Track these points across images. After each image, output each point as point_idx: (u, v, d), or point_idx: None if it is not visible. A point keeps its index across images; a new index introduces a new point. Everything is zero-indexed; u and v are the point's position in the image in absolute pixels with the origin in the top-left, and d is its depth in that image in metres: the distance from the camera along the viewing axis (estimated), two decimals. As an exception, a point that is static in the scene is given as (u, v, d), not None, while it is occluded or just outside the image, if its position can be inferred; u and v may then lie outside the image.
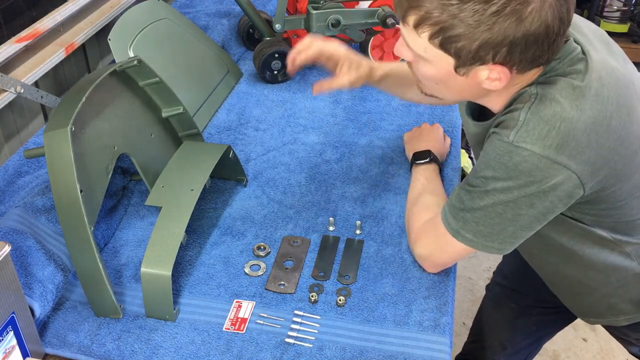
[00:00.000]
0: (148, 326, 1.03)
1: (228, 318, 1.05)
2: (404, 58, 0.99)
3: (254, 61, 1.71)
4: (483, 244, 1.00)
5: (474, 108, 1.11)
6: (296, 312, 1.05)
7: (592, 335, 2.26)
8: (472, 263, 2.53)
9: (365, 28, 1.70)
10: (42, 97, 1.48)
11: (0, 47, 1.38)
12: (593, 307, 1.18)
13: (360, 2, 1.76)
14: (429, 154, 1.31)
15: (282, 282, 1.11)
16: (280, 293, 1.09)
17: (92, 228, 1.00)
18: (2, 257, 0.82)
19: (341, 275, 1.13)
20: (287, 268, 1.14)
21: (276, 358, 0.98)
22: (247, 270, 1.14)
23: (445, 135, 1.44)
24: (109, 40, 1.42)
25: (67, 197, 0.98)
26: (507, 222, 0.96)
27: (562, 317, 1.45)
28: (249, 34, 1.88)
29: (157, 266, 1.02)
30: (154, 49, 1.51)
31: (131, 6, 1.58)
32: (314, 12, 1.61)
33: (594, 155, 0.90)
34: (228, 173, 1.35)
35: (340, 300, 1.06)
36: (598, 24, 3.34)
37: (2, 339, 0.84)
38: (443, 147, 1.38)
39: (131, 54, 1.44)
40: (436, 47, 0.89)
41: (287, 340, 1.01)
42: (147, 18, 1.53)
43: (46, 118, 1.63)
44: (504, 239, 0.99)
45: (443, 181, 1.31)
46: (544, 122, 0.89)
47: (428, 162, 1.30)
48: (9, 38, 1.42)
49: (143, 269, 1.02)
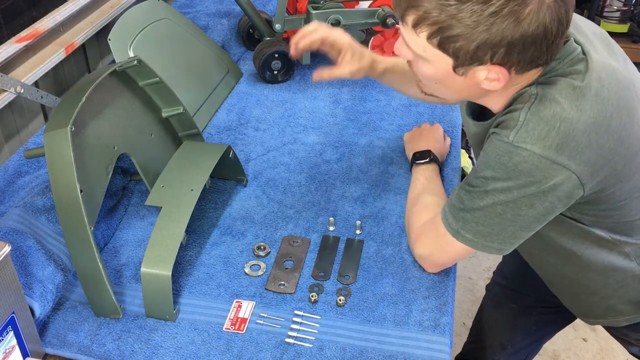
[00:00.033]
0: (148, 326, 1.03)
1: (228, 318, 1.05)
2: (404, 57, 0.99)
3: (254, 61, 1.71)
4: (483, 244, 1.00)
5: (474, 108, 1.11)
6: (296, 312, 1.05)
7: (592, 335, 2.25)
8: (472, 263, 2.53)
9: (365, 28, 1.70)
10: (42, 97, 1.48)
11: (0, 47, 1.38)
12: (593, 308, 1.18)
13: (360, 2, 1.76)
14: (429, 154, 1.31)
15: (282, 282, 1.11)
16: (280, 293, 1.09)
17: (92, 228, 1.00)
18: (2, 257, 0.82)
19: (341, 275, 1.13)
20: (287, 268, 1.14)
21: (276, 358, 0.98)
22: (247, 270, 1.14)
23: (445, 135, 1.44)
24: (109, 40, 1.42)
25: (67, 197, 0.98)
26: (507, 223, 0.96)
27: (562, 317, 1.45)
28: (249, 34, 1.88)
29: (157, 266, 1.02)
30: (154, 49, 1.51)
31: (131, 6, 1.58)
32: (314, 12, 1.61)
33: (594, 155, 0.90)
34: (228, 173, 1.35)
35: (340, 300, 1.06)
36: (598, 24, 3.31)
37: (2, 339, 0.84)
38: (443, 147, 1.38)
39: (131, 54, 1.44)
40: (435, 47, 0.89)
41: (287, 340, 1.01)
42: (147, 18, 1.53)
43: (46, 118, 1.63)
44: (504, 239, 0.99)
45: (443, 181, 1.30)
46: (544, 123, 0.89)
47: (428, 162, 1.29)
48: (9, 38, 1.42)
49: (143, 269, 1.02)
